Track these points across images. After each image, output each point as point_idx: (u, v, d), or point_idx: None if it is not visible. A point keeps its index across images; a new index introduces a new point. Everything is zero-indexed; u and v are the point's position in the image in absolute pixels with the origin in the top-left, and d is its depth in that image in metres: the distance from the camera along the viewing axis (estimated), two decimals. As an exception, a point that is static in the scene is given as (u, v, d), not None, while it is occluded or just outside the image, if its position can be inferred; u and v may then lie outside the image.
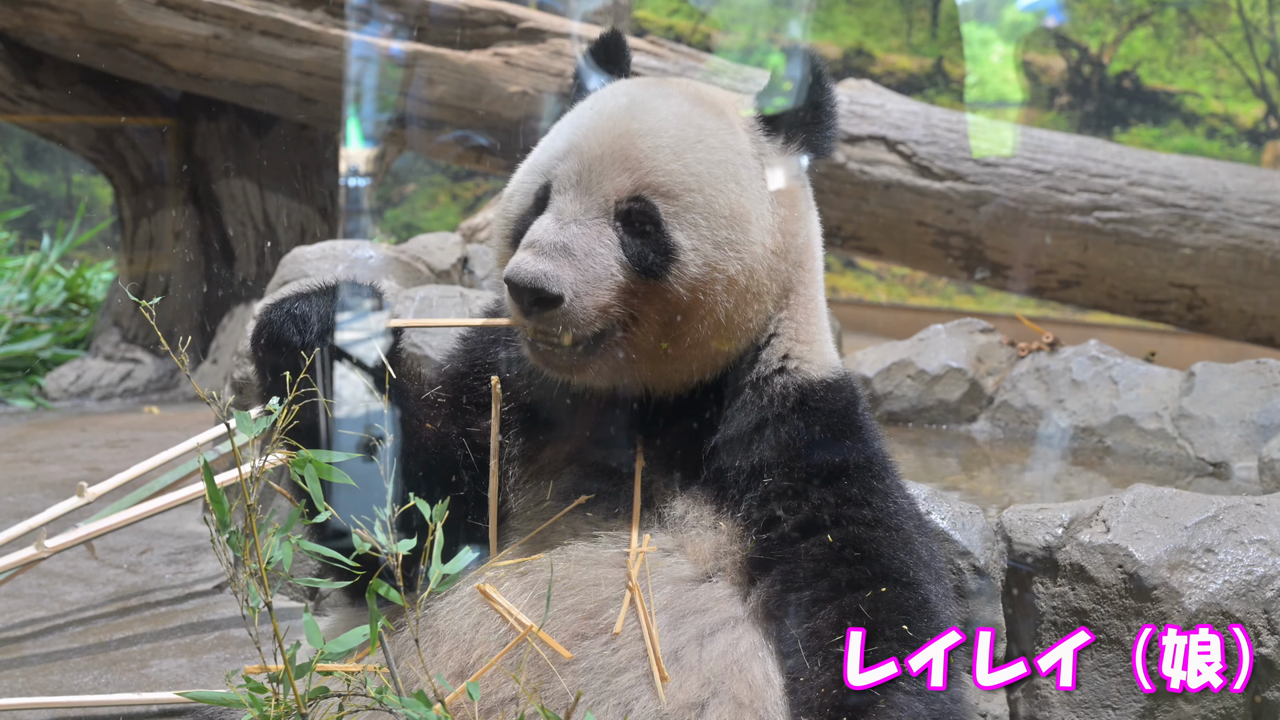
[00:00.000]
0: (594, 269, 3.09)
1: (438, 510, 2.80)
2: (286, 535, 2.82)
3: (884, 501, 3.18)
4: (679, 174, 3.16)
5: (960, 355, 6.26)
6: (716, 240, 3.14)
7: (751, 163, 3.27)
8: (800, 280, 3.38)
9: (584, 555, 3.15)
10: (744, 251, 3.17)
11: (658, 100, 3.31)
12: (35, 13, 9.34)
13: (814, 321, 3.42)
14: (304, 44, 9.27)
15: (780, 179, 3.30)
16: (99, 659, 4.63)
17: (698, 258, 3.13)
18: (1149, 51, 14.81)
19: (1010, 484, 5.38)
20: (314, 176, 10.68)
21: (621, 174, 3.17)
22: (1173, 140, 14.42)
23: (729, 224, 3.16)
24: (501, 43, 9.23)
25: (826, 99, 3.35)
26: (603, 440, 3.33)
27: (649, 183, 3.16)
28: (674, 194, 3.16)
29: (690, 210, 3.15)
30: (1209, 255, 8.74)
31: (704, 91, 3.42)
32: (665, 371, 3.25)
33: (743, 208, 3.19)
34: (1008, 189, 8.80)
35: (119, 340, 10.36)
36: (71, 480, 6.73)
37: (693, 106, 3.30)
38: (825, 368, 3.37)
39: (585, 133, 3.27)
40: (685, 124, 3.24)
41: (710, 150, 3.22)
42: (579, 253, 3.09)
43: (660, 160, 3.17)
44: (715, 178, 3.19)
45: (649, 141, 3.19)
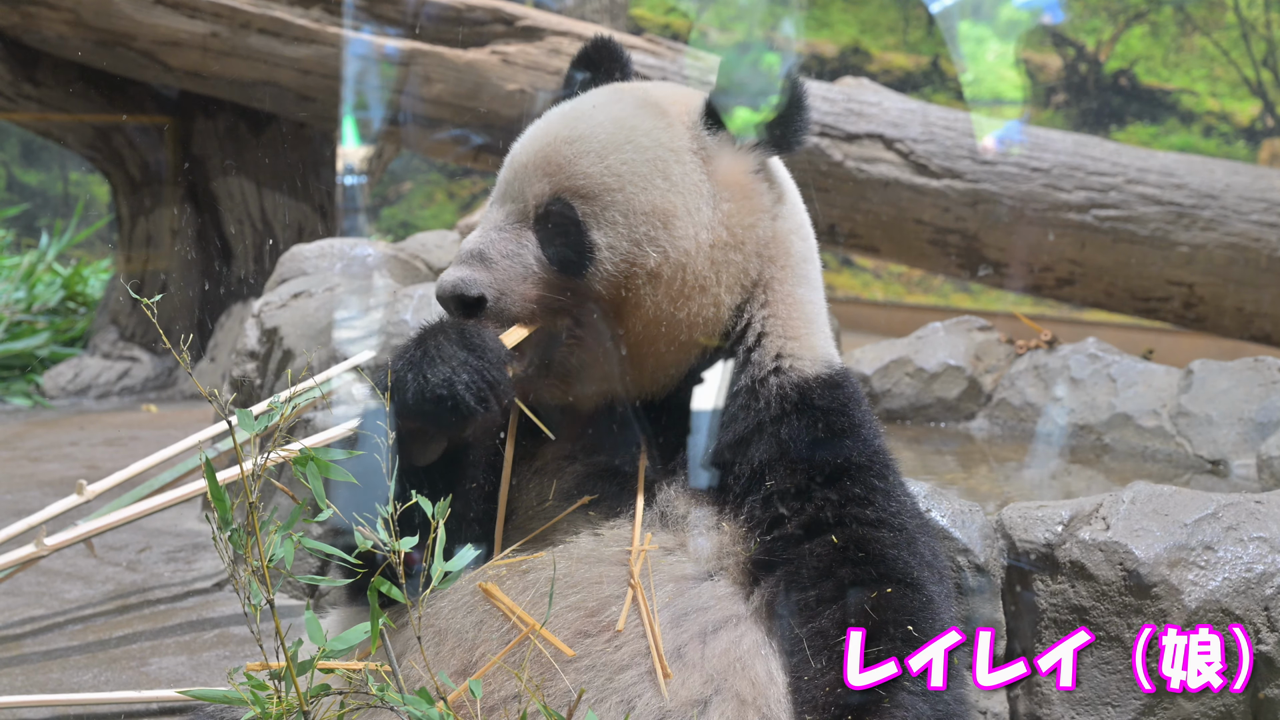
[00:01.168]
0: (513, 268, 3.20)
1: (440, 507, 2.81)
2: (288, 532, 2.82)
3: (886, 500, 3.19)
4: (599, 176, 3.22)
5: (959, 353, 6.27)
6: (634, 237, 3.19)
7: (687, 158, 3.29)
8: (774, 275, 3.39)
9: (586, 553, 3.15)
10: (667, 246, 3.20)
11: (600, 106, 3.37)
12: (33, 11, 9.34)
13: (799, 316, 3.42)
14: (302, 42, 9.26)
15: (724, 173, 3.31)
16: (98, 657, 4.63)
17: (614, 255, 3.19)
18: (1145, 49, 14.81)
19: (1009, 481, 5.39)
20: (312, 175, 10.67)
21: (542, 180, 3.25)
22: (1169, 138, 14.42)
23: (648, 220, 3.20)
24: (499, 41, 9.23)
25: (792, 94, 3.36)
26: (605, 440, 3.35)
27: (568, 186, 3.23)
28: (592, 195, 3.22)
29: (609, 209, 3.20)
30: (1206, 253, 8.75)
31: (655, 93, 3.45)
32: (627, 372, 3.29)
33: (668, 203, 3.22)
34: (1005, 187, 8.80)
35: (117, 338, 10.35)
36: (70, 478, 6.73)
37: (633, 109, 3.35)
38: (819, 363, 3.38)
39: (521, 143, 3.38)
40: (617, 127, 3.29)
41: (639, 150, 3.25)
42: (496, 256, 3.20)
43: (582, 164, 3.23)
44: (640, 175, 3.23)
45: (574, 147, 3.26)
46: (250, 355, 5.74)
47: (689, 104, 3.38)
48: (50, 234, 12.27)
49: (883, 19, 16.39)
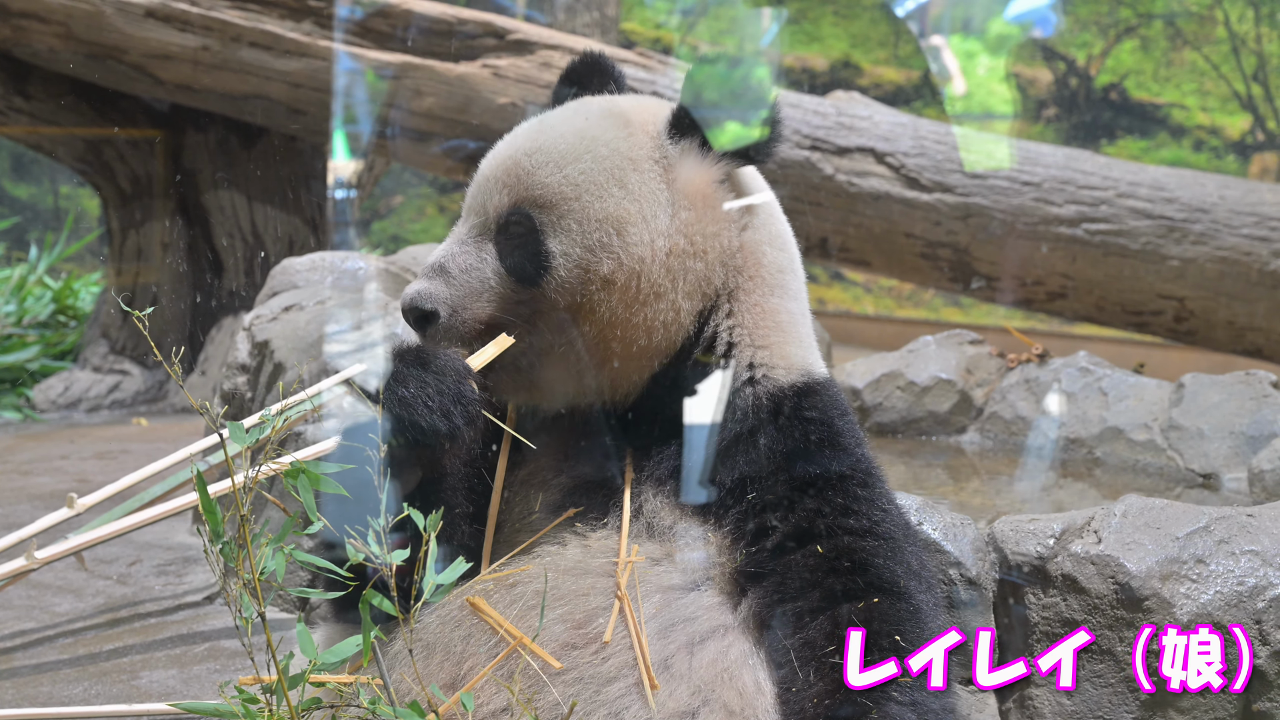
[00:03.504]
0: (470, 283, 3.27)
1: (431, 520, 2.81)
2: (279, 546, 2.82)
3: (870, 509, 3.19)
4: (556, 185, 3.27)
5: (950, 366, 6.27)
6: (588, 244, 3.23)
7: (646, 167, 3.32)
8: (740, 285, 3.41)
9: (573, 565, 3.16)
10: (620, 252, 3.23)
11: (563, 119, 3.44)
12: (24, 24, 9.34)
13: (767, 324, 3.43)
14: (293, 55, 9.26)
15: (683, 182, 3.32)
16: (89, 670, 4.62)
17: (568, 262, 3.23)
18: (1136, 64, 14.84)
19: (1000, 495, 5.39)
20: (302, 188, 10.67)
21: (503, 192, 3.32)
22: (1160, 152, 14.45)
23: (602, 226, 3.24)
24: (490, 54, 9.23)
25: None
26: (590, 454, 3.36)
27: (526, 196, 3.29)
28: (550, 204, 3.27)
29: (565, 217, 3.25)
30: (1197, 267, 8.75)
31: (622, 104, 3.49)
32: (590, 377, 3.32)
33: (622, 210, 3.25)
34: (996, 201, 8.80)
35: (107, 352, 10.33)
36: (60, 491, 6.72)
37: (597, 120, 3.39)
38: (794, 371, 3.39)
39: (487, 158, 3.45)
40: (578, 138, 3.34)
41: (597, 160, 3.29)
42: (455, 270, 3.29)
43: (540, 175, 3.29)
44: (596, 184, 3.27)
45: (534, 159, 3.32)
46: (241, 368, 5.73)
47: (655, 115, 3.41)
48: (41, 247, 12.24)
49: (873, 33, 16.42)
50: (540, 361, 3.28)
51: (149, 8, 9.19)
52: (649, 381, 3.35)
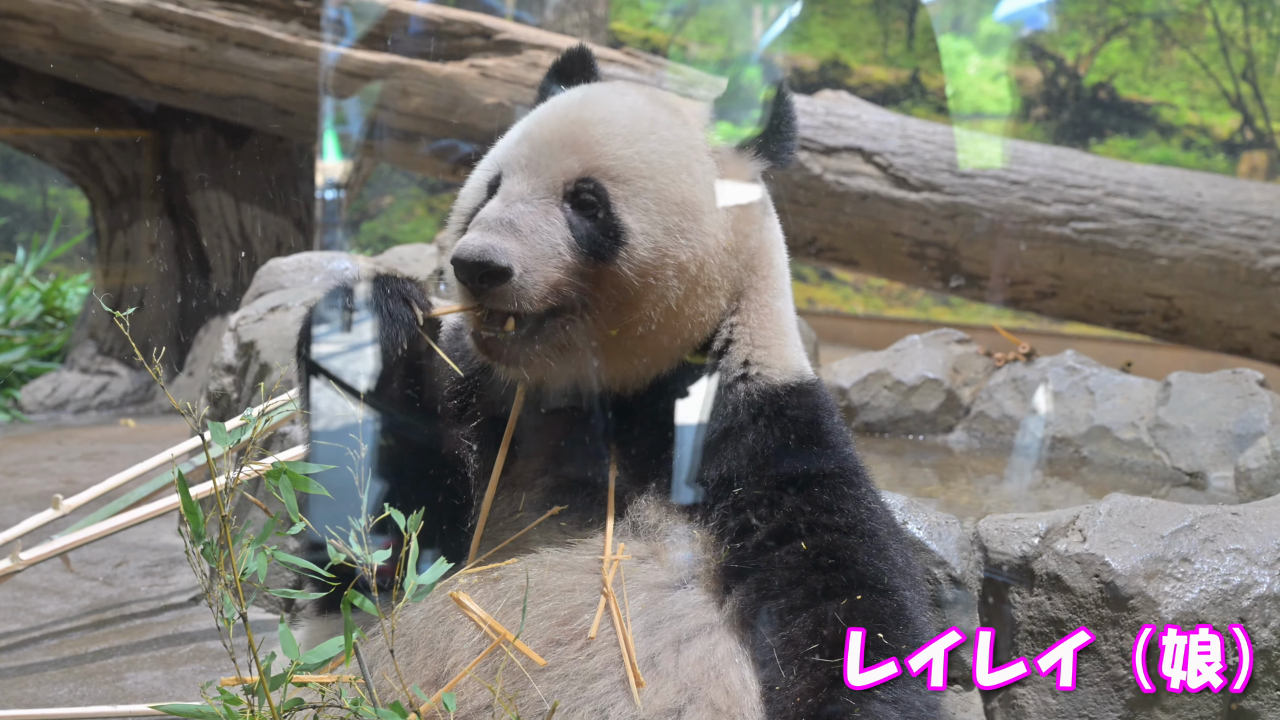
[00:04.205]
0: (541, 245, 3.10)
1: (413, 520, 2.80)
2: (261, 546, 2.81)
3: (856, 508, 3.18)
4: (630, 159, 3.20)
5: (937, 366, 6.27)
6: (667, 226, 3.17)
7: (705, 158, 3.31)
8: (753, 285, 3.41)
9: (558, 561, 3.15)
10: (695, 241, 3.20)
11: (612, 95, 3.37)
12: (9, 25, 9.32)
13: (770, 326, 3.43)
14: (280, 56, 9.25)
15: (733, 177, 3.33)
16: (74, 671, 4.61)
17: (647, 241, 3.15)
18: (1125, 63, 14.84)
19: (987, 494, 5.39)
20: (290, 188, 10.66)
21: (570, 156, 3.20)
22: (1149, 151, 14.45)
23: (680, 211, 3.19)
24: (477, 54, 9.22)
25: (783, 109, 3.38)
26: (574, 451, 3.34)
27: (598, 165, 3.19)
28: (624, 178, 3.19)
29: (641, 195, 3.18)
30: (1185, 266, 8.75)
31: (660, 93, 3.47)
32: (615, 363, 3.27)
33: (695, 198, 3.22)
34: (984, 200, 8.81)
35: (95, 353, 10.33)
36: (47, 493, 6.70)
37: (647, 102, 3.36)
38: (788, 372, 3.38)
39: (537, 121, 3.33)
40: (638, 116, 3.28)
41: (663, 142, 3.25)
42: (525, 229, 3.10)
43: (611, 146, 3.21)
44: (668, 167, 3.22)
45: (601, 129, 3.23)
46: (227, 369, 5.73)
47: (694, 108, 3.41)
48: (28, 248, 12.23)
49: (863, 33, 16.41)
50: (581, 341, 3.18)
51: (135, 8, 9.18)
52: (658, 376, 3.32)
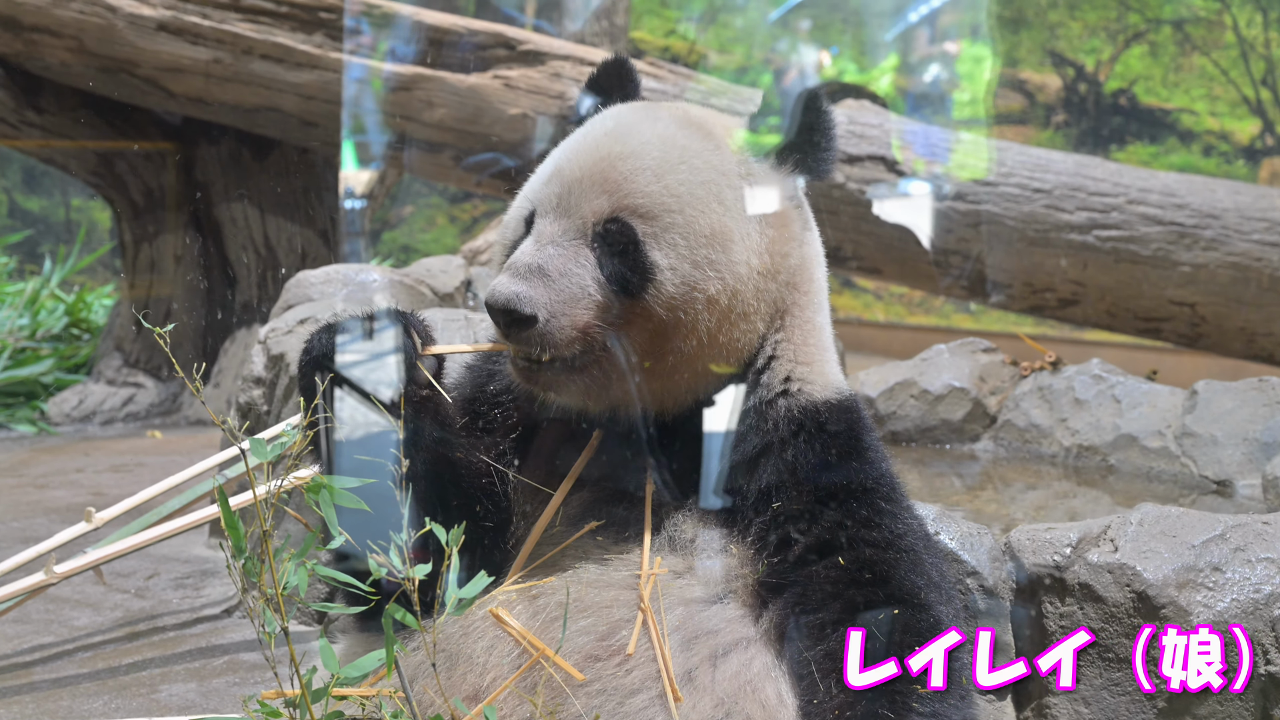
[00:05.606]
0: (569, 288, 3.14)
1: (454, 535, 2.82)
2: (301, 560, 2.83)
3: (893, 523, 3.19)
4: (658, 195, 3.20)
5: (963, 375, 6.27)
6: (695, 260, 3.17)
7: (737, 183, 3.28)
8: (795, 302, 3.40)
9: (595, 578, 3.16)
10: (725, 271, 3.19)
11: (644, 123, 3.34)
12: (36, 38, 9.38)
13: (813, 343, 3.43)
14: (304, 68, 9.30)
15: (768, 200, 3.31)
16: (108, 684, 4.63)
17: (675, 276, 3.16)
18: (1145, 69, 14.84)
19: (1014, 503, 5.39)
20: (314, 200, 10.70)
21: (600, 196, 3.21)
22: (1169, 158, 14.44)
23: (709, 243, 3.18)
24: (501, 65, 9.25)
25: (821, 122, 3.37)
26: (611, 466, 3.35)
27: (627, 204, 3.20)
28: (652, 214, 3.19)
29: (669, 230, 3.17)
30: (1208, 273, 8.75)
31: (695, 114, 3.44)
32: (652, 391, 3.27)
33: (725, 228, 3.21)
34: (1007, 208, 8.81)
35: (121, 364, 10.37)
36: (76, 505, 6.74)
37: (679, 129, 3.33)
38: (829, 389, 3.38)
39: (568, 157, 3.32)
40: (669, 146, 3.27)
41: (693, 171, 3.24)
42: (554, 273, 3.14)
43: (640, 182, 3.21)
44: (697, 198, 3.21)
45: (629, 164, 3.23)
46: (257, 381, 5.75)
47: (729, 128, 3.39)
48: (53, 260, 12.28)
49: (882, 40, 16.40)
50: (616, 371, 3.21)
51: (161, 21, 9.23)
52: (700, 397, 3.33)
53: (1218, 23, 14.51)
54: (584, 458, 3.35)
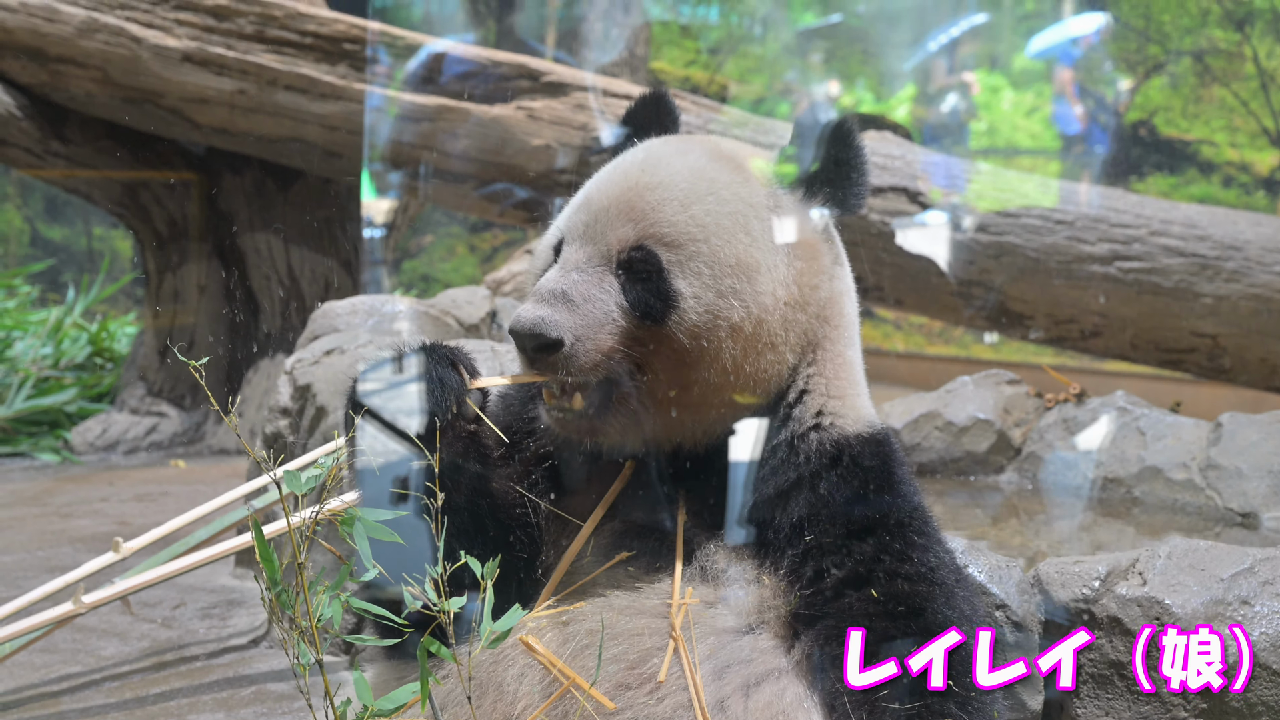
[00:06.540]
0: (593, 313, 3.16)
1: (489, 568, 2.83)
2: (336, 592, 2.84)
3: (926, 556, 3.20)
4: (684, 224, 3.21)
5: (988, 406, 6.28)
6: (720, 289, 3.18)
7: (765, 215, 3.30)
8: (826, 335, 3.41)
9: (626, 606, 3.17)
10: (750, 300, 3.21)
11: (674, 155, 3.36)
12: (61, 69, 9.44)
13: (845, 376, 3.43)
14: (328, 99, 9.34)
15: (796, 232, 3.33)
16: (136, 714, 4.64)
17: (699, 305, 3.17)
18: (1165, 100, 14.84)
19: (1039, 535, 5.40)
20: (338, 230, 10.74)
21: (626, 224, 3.24)
22: (1189, 189, 14.42)
23: (734, 273, 3.20)
24: (524, 96, 9.28)
25: (852, 155, 3.37)
26: (642, 497, 3.36)
27: (652, 233, 3.22)
28: (677, 243, 3.21)
29: (694, 259, 3.19)
30: (1230, 304, 8.73)
31: (726, 147, 3.46)
32: (682, 423, 3.29)
33: (751, 258, 3.22)
34: (1029, 239, 8.81)
35: (144, 394, 10.40)
36: (101, 534, 6.76)
37: (709, 161, 3.35)
38: (860, 422, 3.39)
39: (598, 186, 3.36)
40: (697, 177, 3.28)
41: (721, 202, 3.25)
42: (578, 298, 3.17)
43: (666, 212, 3.23)
44: (723, 228, 3.23)
45: (657, 194, 3.25)
46: (283, 412, 5.77)
47: (761, 160, 3.40)
48: (77, 289, 12.32)
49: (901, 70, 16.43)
50: (645, 406, 3.23)
51: (185, 52, 9.29)
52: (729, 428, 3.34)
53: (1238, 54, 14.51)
54: (615, 487, 3.36)
